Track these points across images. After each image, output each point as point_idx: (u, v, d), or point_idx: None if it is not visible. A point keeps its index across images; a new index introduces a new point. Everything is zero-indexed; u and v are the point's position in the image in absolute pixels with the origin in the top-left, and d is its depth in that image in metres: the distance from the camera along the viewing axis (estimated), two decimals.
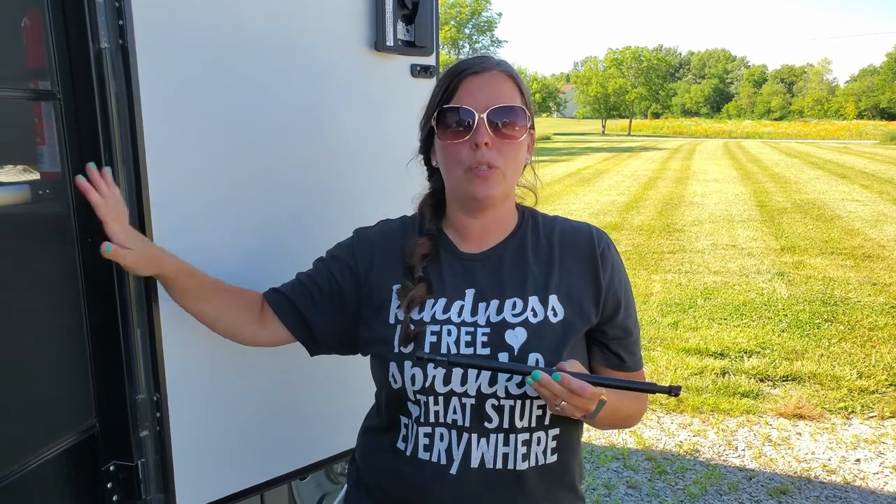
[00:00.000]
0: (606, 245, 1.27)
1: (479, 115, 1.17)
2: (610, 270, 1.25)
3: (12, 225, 1.21)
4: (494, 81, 1.20)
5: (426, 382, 1.19)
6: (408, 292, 1.23)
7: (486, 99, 1.18)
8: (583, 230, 1.29)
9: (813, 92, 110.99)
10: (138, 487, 1.38)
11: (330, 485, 2.41)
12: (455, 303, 1.23)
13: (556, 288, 1.23)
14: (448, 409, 1.19)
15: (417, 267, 1.25)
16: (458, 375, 1.18)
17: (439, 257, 1.27)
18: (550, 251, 1.26)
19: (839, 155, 28.34)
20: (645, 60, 64.72)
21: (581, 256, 1.25)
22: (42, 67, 1.21)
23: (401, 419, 1.26)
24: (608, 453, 3.67)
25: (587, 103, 66.56)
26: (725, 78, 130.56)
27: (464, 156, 1.18)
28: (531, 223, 1.30)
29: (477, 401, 1.18)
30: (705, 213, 11.88)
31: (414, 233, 1.31)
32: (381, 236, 1.33)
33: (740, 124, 67.85)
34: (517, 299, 1.22)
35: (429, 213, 1.31)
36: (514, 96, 1.21)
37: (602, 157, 27.80)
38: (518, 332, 1.18)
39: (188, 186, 1.39)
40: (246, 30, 1.44)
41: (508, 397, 1.18)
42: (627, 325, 1.28)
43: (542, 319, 1.20)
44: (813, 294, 6.60)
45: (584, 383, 1.06)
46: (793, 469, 3.50)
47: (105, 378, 1.34)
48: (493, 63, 1.22)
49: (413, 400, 1.21)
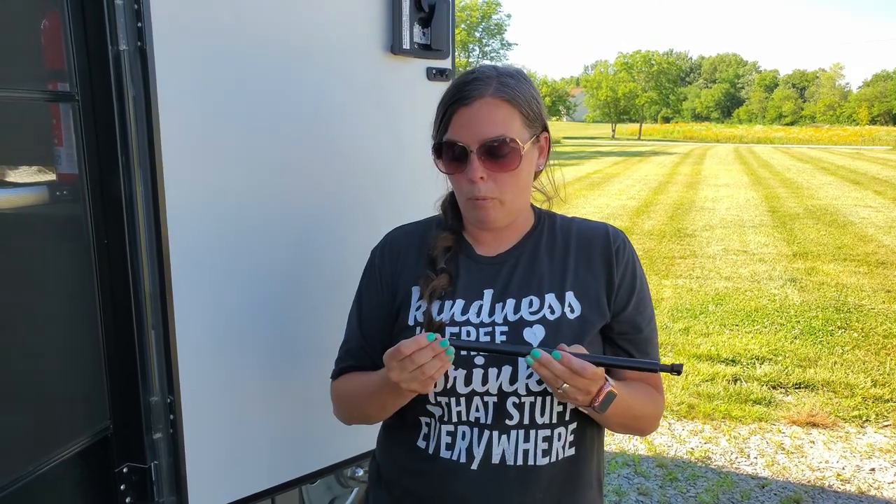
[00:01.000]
0: (622, 243, 1.28)
1: (471, 150, 1.17)
2: (624, 267, 1.26)
3: (29, 226, 1.21)
4: (485, 111, 1.16)
5: (447, 384, 1.19)
6: (430, 283, 1.23)
7: (477, 132, 1.16)
8: (599, 229, 1.30)
9: (825, 97, 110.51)
10: (151, 490, 1.38)
11: (340, 488, 2.40)
12: (474, 304, 1.23)
13: (573, 285, 1.24)
14: (470, 409, 1.20)
15: (440, 259, 1.25)
16: (479, 375, 1.18)
17: (457, 260, 1.28)
18: (566, 250, 1.27)
19: (852, 160, 28.18)
20: (655, 64, 64.52)
21: (597, 254, 1.26)
22: (61, 69, 1.21)
23: (421, 419, 1.26)
24: (619, 459, 3.64)
25: (597, 107, 66.34)
26: (736, 82, 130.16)
27: (463, 187, 1.21)
28: (548, 224, 1.31)
29: (499, 399, 1.19)
30: (716, 219, 11.82)
31: (436, 230, 1.31)
32: (405, 236, 1.34)
33: (751, 129, 67.65)
34: (534, 297, 1.23)
35: (451, 213, 1.32)
36: (508, 122, 1.17)
37: (612, 161, 27.74)
38: (536, 330, 1.19)
39: (205, 190, 1.38)
40: (262, 33, 1.44)
41: (529, 394, 1.19)
42: (637, 321, 1.27)
43: (559, 316, 1.21)
44: (826, 301, 6.55)
45: (585, 362, 1.06)
46: (806, 478, 3.47)
47: (119, 380, 1.34)
48: (486, 88, 1.17)
49: (434, 402, 1.22)
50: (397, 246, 1.32)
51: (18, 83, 1.18)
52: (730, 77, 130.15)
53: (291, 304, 1.59)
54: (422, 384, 1.09)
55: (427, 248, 1.28)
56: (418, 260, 1.29)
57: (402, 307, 1.27)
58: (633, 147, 42.61)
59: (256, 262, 1.50)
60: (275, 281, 1.54)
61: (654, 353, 1.31)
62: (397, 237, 1.35)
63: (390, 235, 1.36)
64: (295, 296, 1.60)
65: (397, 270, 1.30)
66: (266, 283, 1.53)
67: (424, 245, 1.30)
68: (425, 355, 1.07)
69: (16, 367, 1.18)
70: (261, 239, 1.50)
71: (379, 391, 1.20)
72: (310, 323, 1.63)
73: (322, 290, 1.63)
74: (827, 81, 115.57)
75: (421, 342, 1.07)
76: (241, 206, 1.46)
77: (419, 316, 1.24)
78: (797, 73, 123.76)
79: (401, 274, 1.29)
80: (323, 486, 2.32)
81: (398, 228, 1.37)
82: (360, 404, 1.30)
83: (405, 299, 1.27)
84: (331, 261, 1.39)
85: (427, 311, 1.22)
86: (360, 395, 1.29)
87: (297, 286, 1.60)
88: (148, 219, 1.29)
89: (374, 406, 1.27)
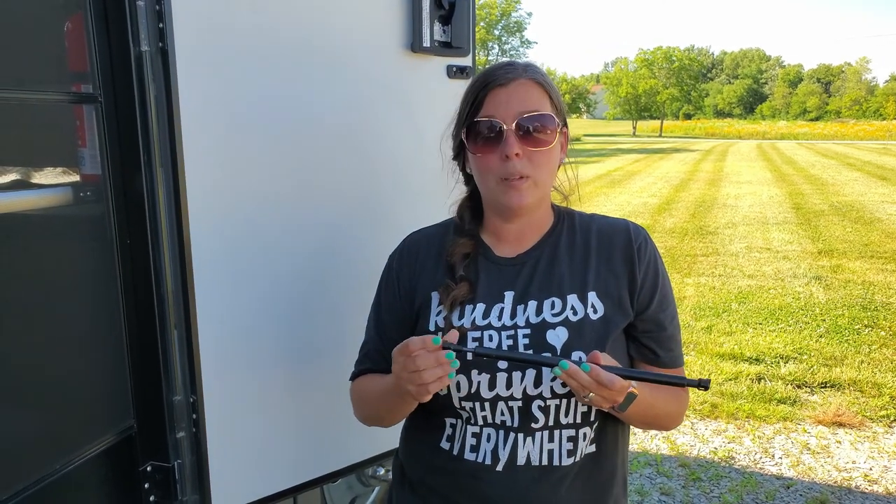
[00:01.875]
0: (644, 240, 1.26)
1: (506, 127, 1.16)
2: (646, 265, 1.24)
3: (53, 227, 1.22)
4: (521, 90, 1.18)
5: (471, 388, 1.18)
6: (450, 292, 1.22)
7: (513, 109, 1.17)
8: (620, 226, 1.28)
9: (851, 92, 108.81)
10: (174, 488, 1.39)
11: (361, 487, 2.41)
12: (495, 307, 1.22)
13: (594, 285, 1.23)
14: (496, 412, 1.19)
15: (458, 266, 1.24)
16: (503, 379, 1.17)
17: (477, 263, 1.27)
18: (587, 249, 1.26)
19: (878, 156, 27.72)
20: (676, 61, 63.96)
21: (618, 252, 1.25)
22: (84, 71, 1.22)
23: (446, 420, 1.26)
24: (641, 459, 3.61)
25: (617, 104, 65.95)
26: (759, 78, 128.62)
27: (495, 167, 1.18)
28: (567, 223, 1.30)
29: (524, 403, 1.18)
30: (739, 216, 11.69)
31: (453, 235, 1.30)
32: (423, 239, 1.33)
33: (775, 125, 66.77)
34: (556, 299, 1.21)
35: (468, 216, 1.31)
36: (542, 102, 1.20)
37: (633, 158, 27.54)
38: (559, 332, 1.18)
39: (227, 190, 1.39)
40: (283, 32, 1.44)
41: (554, 397, 1.18)
42: (660, 319, 1.26)
43: (581, 317, 1.19)
44: (852, 299, 6.44)
45: (614, 376, 1.05)
46: (832, 478, 3.41)
47: (142, 379, 1.35)
48: (518, 71, 1.20)
49: (459, 406, 1.21)
50: (415, 249, 1.32)
51: (43, 86, 1.19)
52: (752, 72, 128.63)
53: (313, 303, 1.59)
54: (417, 389, 1.08)
55: (445, 254, 1.27)
56: (437, 265, 1.28)
57: (422, 312, 1.26)
58: (654, 144, 42.29)
59: (278, 262, 1.50)
60: (297, 280, 1.55)
61: (678, 349, 1.29)
62: (415, 241, 1.34)
63: (408, 239, 1.35)
64: (317, 295, 1.60)
65: (415, 275, 1.29)
66: (288, 282, 1.53)
67: (443, 249, 1.28)
68: (427, 359, 1.06)
69: (41, 366, 1.19)
70: (283, 238, 1.51)
71: (388, 394, 1.20)
72: (331, 322, 1.63)
73: (344, 291, 1.63)
74: (853, 76, 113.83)
75: (427, 343, 1.06)
76: (263, 206, 1.46)
77: (440, 321, 1.23)
78: (822, 67, 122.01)
79: (419, 278, 1.28)
80: (344, 485, 2.33)
81: (416, 232, 1.36)
82: (373, 406, 1.31)
83: (424, 304, 1.26)
84: (353, 261, 1.39)
85: (447, 319, 1.21)
86: (372, 398, 1.29)
87: (320, 285, 1.60)
88: (170, 219, 1.29)
89: (384, 409, 1.27)
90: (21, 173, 1.16)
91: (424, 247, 1.31)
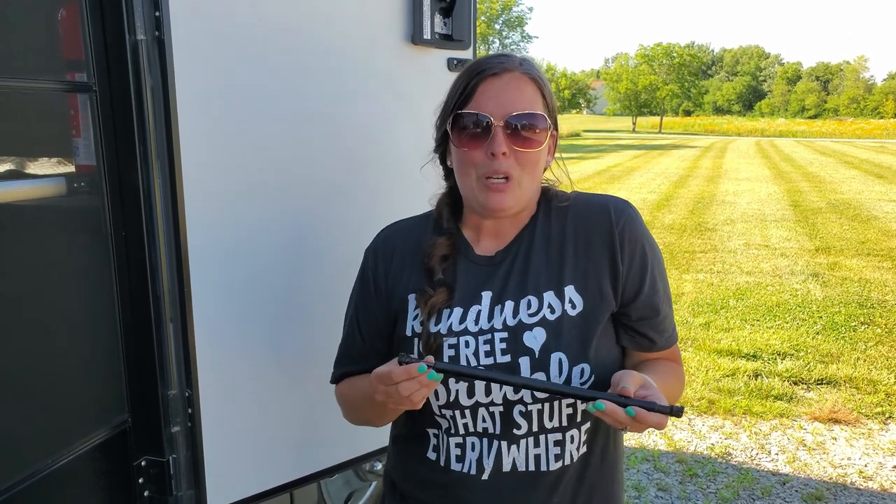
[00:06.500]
0: (628, 220, 1.17)
1: (495, 123, 1.10)
2: (631, 248, 1.17)
3: (46, 218, 1.20)
4: (514, 85, 1.12)
5: (450, 397, 1.15)
6: (427, 299, 1.17)
7: (504, 105, 1.11)
8: (600, 207, 1.19)
9: (849, 90, 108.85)
10: (169, 483, 1.38)
11: (358, 482, 2.40)
12: (471, 309, 1.17)
13: (572, 277, 1.16)
14: (476, 420, 1.16)
15: (437, 270, 1.19)
16: (482, 386, 1.13)
17: (455, 262, 1.21)
18: (563, 239, 1.19)
19: (876, 154, 27.73)
20: (676, 57, 63.92)
21: (597, 237, 1.17)
22: (78, 59, 1.20)
23: (429, 431, 1.22)
24: (638, 455, 3.61)
25: (617, 100, 65.91)
26: (758, 75, 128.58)
27: (479, 163, 1.12)
28: (544, 209, 1.22)
29: (504, 408, 1.14)
30: (737, 213, 11.68)
31: (432, 232, 1.25)
32: (400, 234, 1.27)
33: (773, 122, 66.77)
34: (531, 297, 1.16)
35: (447, 213, 1.25)
36: (534, 101, 1.13)
37: (632, 154, 27.52)
38: (537, 333, 1.13)
39: (224, 182, 1.37)
40: (281, 21, 1.42)
41: (535, 402, 1.14)
42: (654, 302, 1.19)
43: (559, 315, 1.14)
44: (849, 296, 6.45)
45: (662, 416, 1.00)
46: (828, 475, 3.41)
47: (138, 374, 1.34)
48: (514, 64, 1.14)
49: (439, 414, 1.18)
50: (391, 245, 1.26)
51: (37, 74, 1.17)
52: (752, 70, 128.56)
53: (310, 298, 1.58)
54: (402, 408, 1.08)
55: (423, 256, 1.21)
56: (414, 261, 1.23)
57: (399, 315, 1.22)
58: (653, 140, 42.28)
59: (277, 256, 1.48)
60: (294, 274, 1.53)
61: (672, 327, 1.24)
62: (390, 236, 1.28)
63: (383, 234, 1.29)
64: (314, 290, 1.58)
65: (392, 274, 1.24)
66: (285, 276, 1.52)
67: (420, 245, 1.23)
68: (411, 386, 1.02)
69: (34, 360, 1.17)
70: (280, 232, 1.49)
71: (372, 402, 1.14)
72: (328, 317, 1.61)
73: (341, 284, 1.61)
74: (851, 74, 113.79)
75: (412, 373, 1.01)
76: (260, 198, 1.44)
77: (416, 326, 1.19)
78: (821, 65, 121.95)
79: (397, 278, 1.23)
80: (341, 479, 2.32)
81: (392, 225, 1.30)
82: (359, 412, 1.28)
83: (402, 307, 1.22)
84: (350, 254, 1.37)
85: (424, 326, 1.16)
86: (357, 404, 1.26)
87: (317, 280, 1.58)
88: (166, 210, 1.28)
89: (372, 414, 1.24)
90: (13, 163, 1.15)
91: (402, 241, 1.26)
